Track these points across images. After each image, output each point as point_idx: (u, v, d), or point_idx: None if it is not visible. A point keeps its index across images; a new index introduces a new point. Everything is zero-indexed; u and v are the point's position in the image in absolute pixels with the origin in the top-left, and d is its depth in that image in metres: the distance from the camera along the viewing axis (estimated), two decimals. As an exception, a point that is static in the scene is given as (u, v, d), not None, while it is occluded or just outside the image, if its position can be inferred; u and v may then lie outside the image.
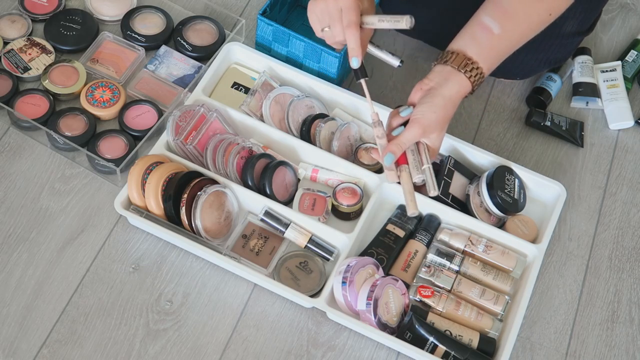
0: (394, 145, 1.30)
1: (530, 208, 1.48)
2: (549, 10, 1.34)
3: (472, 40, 1.33)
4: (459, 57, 1.32)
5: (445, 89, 1.31)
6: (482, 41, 1.32)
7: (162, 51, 1.60)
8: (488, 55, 1.33)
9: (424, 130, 1.30)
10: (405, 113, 1.33)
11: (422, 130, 1.30)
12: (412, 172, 1.30)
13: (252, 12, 1.73)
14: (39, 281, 1.36)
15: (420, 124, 1.30)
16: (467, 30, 1.35)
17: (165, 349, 1.32)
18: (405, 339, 1.31)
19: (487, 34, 1.32)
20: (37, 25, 1.63)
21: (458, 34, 1.36)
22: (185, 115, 1.45)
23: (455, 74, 1.31)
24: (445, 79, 1.32)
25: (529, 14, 1.32)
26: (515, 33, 1.34)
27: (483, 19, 1.32)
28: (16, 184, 1.46)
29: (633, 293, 1.46)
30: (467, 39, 1.33)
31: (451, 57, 1.32)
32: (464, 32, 1.35)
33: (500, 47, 1.34)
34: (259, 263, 1.39)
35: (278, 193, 1.43)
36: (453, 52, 1.33)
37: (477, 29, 1.33)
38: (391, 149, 1.29)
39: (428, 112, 1.30)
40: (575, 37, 1.60)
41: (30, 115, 1.50)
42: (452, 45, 1.35)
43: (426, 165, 1.31)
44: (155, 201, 1.37)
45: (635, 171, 1.61)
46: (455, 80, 1.31)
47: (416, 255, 1.41)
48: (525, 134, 1.63)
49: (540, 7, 1.33)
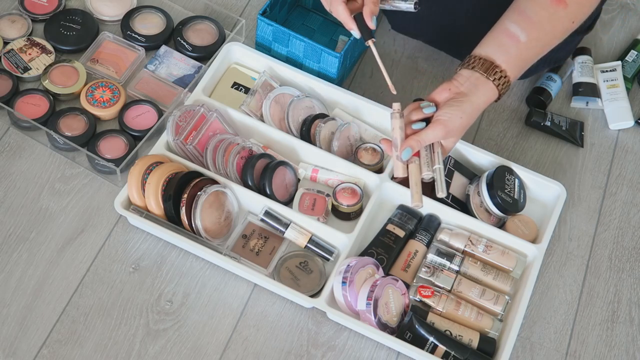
0: (414, 141, 1.28)
1: (530, 208, 1.48)
2: (572, 18, 1.34)
3: (499, 48, 1.32)
4: (487, 63, 1.31)
5: (475, 96, 1.30)
6: (509, 49, 1.32)
7: (162, 51, 1.61)
8: (515, 63, 1.33)
9: (447, 132, 1.29)
10: (429, 110, 1.31)
11: (446, 132, 1.29)
12: (422, 168, 1.29)
13: (252, 12, 1.73)
14: (39, 281, 1.36)
15: (445, 126, 1.29)
16: (493, 37, 1.34)
17: (165, 349, 1.32)
18: (405, 339, 1.31)
19: (514, 42, 1.32)
20: (37, 25, 1.63)
21: (483, 40, 1.35)
22: (185, 115, 1.45)
23: (484, 82, 1.31)
24: (475, 86, 1.31)
25: (553, 23, 1.33)
26: (540, 42, 1.34)
27: (509, 27, 1.32)
28: (16, 184, 1.46)
29: (633, 293, 1.46)
30: (494, 45, 1.33)
31: (478, 62, 1.32)
32: (490, 38, 1.34)
33: (526, 55, 1.34)
34: (259, 263, 1.39)
35: (278, 193, 1.43)
36: (480, 58, 1.32)
37: (503, 36, 1.33)
38: (410, 144, 1.28)
39: (455, 116, 1.29)
40: (574, 36, 1.60)
41: (30, 115, 1.50)
42: (478, 51, 1.34)
43: (437, 165, 1.29)
44: (155, 201, 1.37)
45: (635, 171, 1.61)
46: (485, 88, 1.31)
47: (416, 255, 1.41)
48: (525, 134, 1.63)
49: (564, 15, 1.33)
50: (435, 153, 1.30)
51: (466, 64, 1.33)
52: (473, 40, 1.51)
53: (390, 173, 1.45)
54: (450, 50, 1.66)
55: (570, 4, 1.32)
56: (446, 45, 1.66)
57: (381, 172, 1.45)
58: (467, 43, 1.58)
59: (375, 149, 1.48)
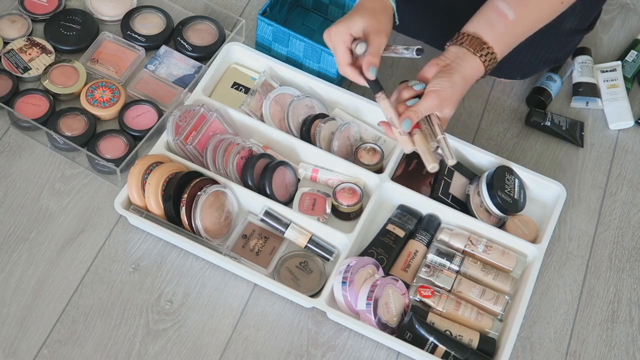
0: (411, 112, 1.30)
1: (530, 208, 1.48)
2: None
3: (487, 25, 1.35)
4: (474, 40, 1.34)
5: (463, 68, 1.33)
6: (497, 26, 1.34)
7: (162, 51, 1.61)
8: (502, 41, 1.35)
9: (440, 101, 1.31)
10: (419, 87, 1.34)
11: (439, 101, 1.31)
12: (426, 138, 1.31)
13: (252, 12, 1.73)
14: (39, 281, 1.36)
15: (438, 95, 1.30)
16: (482, 14, 1.36)
17: (165, 349, 1.32)
18: (405, 339, 1.31)
19: (502, 19, 1.34)
20: (37, 25, 1.63)
21: (472, 17, 1.37)
22: (185, 115, 1.45)
23: (471, 56, 1.33)
24: (462, 59, 1.33)
25: (541, 1, 1.35)
26: (529, 20, 1.36)
27: (498, 5, 1.34)
28: (16, 184, 1.46)
29: (633, 293, 1.46)
30: (482, 23, 1.35)
31: (466, 39, 1.34)
32: (479, 16, 1.37)
33: (514, 33, 1.36)
34: (259, 263, 1.39)
35: (278, 193, 1.43)
36: (468, 35, 1.35)
37: (492, 14, 1.35)
38: (408, 115, 1.30)
39: (446, 85, 1.31)
40: (575, 36, 1.60)
41: (30, 115, 1.50)
42: (467, 28, 1.36)
43: (441, 135, 1.31)
44: (155, 201, 1.37)
45: (635, 171, 1.61)
46: (471, 62, 1.33)
47: (416, 255, 1.41)
48: (525, 134, 1.63)
49: None
50: (435, 125, 1.32)
51: (454, 41, 1.36)
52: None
53: (390, 173, 1.45)
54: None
55: None
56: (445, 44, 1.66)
57: (381, 172, 1.45)
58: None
59: (375, 149, 1.48)
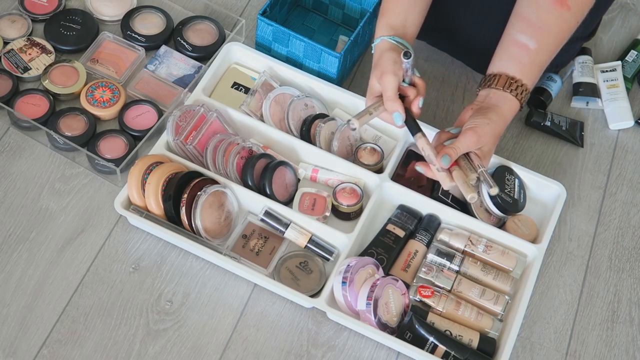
0: (449, 149, 1.29)
1: (530, 208, 1.48)
2: (577, 18, 1.35)
3: (511, 60, 1.34)
4: (502, 78, 1.33)
5: (497, 106, 1.33)
6: (521, 59, 1.34)
7: (162, 51, 1.61)
8: (529, 71, 1.34)
9: (478, 137, 1.30)
10: (456, 131, 1.34)
11: (477, 137, 1.30)
12: (465, 173, 1.31)
13: (252, 12, 1.73)
14: (39, 281, 1.36)
15: (475, 132, 1.30)
16: (502, 51, 1.36)
17: (165, 349, 1.32)
18: (405, 339, 1.31)
19: (524, 51, 1.33)
20: (37, 25, 1.63)
21: (494, 55, 1.37)
22: (185, 115, 1.45)
23: (503, 95, 1.33)
24: (494, 99, 1.33)
25: (560, 25, 1.34)
26: (550, 45, 1.35)
27: (517, 37, 1.34)
28: (16, 184, 1.46)
29: (633, 293, 1.46)
30: (505, 60, 1.35)
31: (494, 80, 1.34)
32: (500, 53, 1.36)
33: (539, 61, 1.35)
34: (259, 263, 1.39)
35: (278, 193, 1.43)
36: (495, 75, 1.35)
37: (513, 47, 1.34)
38: (447, 152, 1.29)
39: (482, 122, 1.31)
40: (576, 42, 1.61)
41: (30, 115, 1.50)
42: (492, 69, 1.36)
43: (481, 168, 1.31)
44: (155, 201, 1.37)
45: (635, 171, 1.61)
46: (504, 100, 1.33)
47: (416, 255, 1.41)
48: (525, 134, 1.63)
49: (569, 16, 1.34)
50: (474, 160, 1.32)
51: (483, 84, 1.36)
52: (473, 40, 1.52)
53: (390, 173, 1.45)
54: (451, 51, 1.66)
55: (572, 5, 1.32)
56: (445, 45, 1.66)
57: (381, 172, 1.45)
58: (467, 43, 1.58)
59: (375, 149, 1.48)
